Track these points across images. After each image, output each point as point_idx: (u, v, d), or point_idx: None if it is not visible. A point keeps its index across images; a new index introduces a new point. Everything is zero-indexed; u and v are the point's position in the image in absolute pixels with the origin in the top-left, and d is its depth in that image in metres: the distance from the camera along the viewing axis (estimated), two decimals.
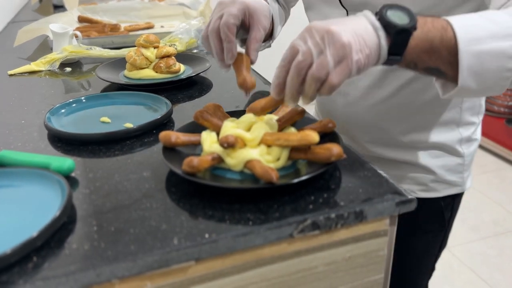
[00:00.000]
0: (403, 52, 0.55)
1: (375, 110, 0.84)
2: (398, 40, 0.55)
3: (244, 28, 0.74)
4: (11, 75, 1.09)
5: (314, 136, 0.57)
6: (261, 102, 0.62)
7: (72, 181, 0.60)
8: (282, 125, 0.65)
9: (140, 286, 0.47)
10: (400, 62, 0.57)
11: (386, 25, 0.54)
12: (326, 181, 0.57)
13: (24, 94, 0.96)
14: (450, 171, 0.88)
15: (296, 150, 0.58)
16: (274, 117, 0.65)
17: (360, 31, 0.54)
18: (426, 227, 0.92)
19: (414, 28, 0.55)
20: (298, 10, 1.04)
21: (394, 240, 0.58)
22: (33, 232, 0.46)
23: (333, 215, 0.51)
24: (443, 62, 0.56)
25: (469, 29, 0.55)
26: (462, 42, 0.54)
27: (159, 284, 0.48)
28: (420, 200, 0.84)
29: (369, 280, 0.58)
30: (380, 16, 0.55)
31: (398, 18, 0.55)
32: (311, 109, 0.93)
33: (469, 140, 0.89)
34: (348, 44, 0.52)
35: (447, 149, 0.87)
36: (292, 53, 0.55)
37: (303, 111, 0.67)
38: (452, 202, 0.92)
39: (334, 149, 0.56)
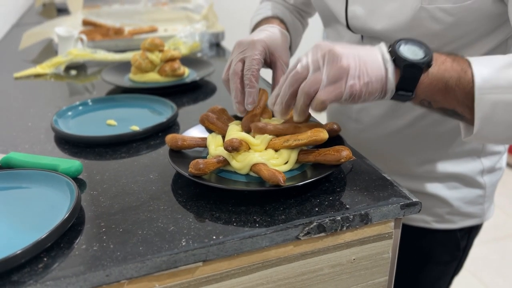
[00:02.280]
0: (413, 89, 0.53)
1: (387, 140, 0.80)
2: (407, 75, 0.53)
3: (265, 63, 0.73)
4: (16, 78, 1.09)
5: (324, 133, 0.57)
6: (268, 128, 0.61)
7: (79, 183, 0.61)
8: None
9: (149, 287, 0.48)
10: (412, 98, 0.54)
11: (396, 58, 0.53)
12: (332, 184, 0.58)
13: (30, 97, 0.97)
14: (469, 203, 0.82)
15: (304, 153, 0.59)
16: (279, 121, 0.66)
17: (366, 59, 0.53)
18: (439, 257, 0.87)
19: (427, 64, 0.53)
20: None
21: (398, 243, 0.58)
22: (43, 233, 0.46)
23: (338, 218, 0.52)
24: (459, 104, 0.54)
25: (490, 75, 0.52)
26: (479, 89, 0.51)
27: (167, 285, 0.48)
28: (434, 231, 0.83)
29: (374, 282, 0.59)
30: (392, 49, 0.54)
31: (411, 52, 0.53)
32: None
33: (492, 170, 0.82)
34: (346, 67, 0.52)
35: (467, 180, 0.80)
36: (295, 65, 0.56)
37: (308, 116, 0.68)
38: (469, 232, 0.86)
39: (343, 151, 0.56)
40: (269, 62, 0.72)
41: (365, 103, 0.55)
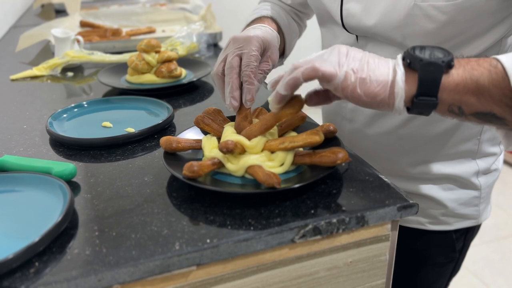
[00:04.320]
0: (435, 93, 0.49)
1: (381, 140, 0.79)
2: (425, 76, 0.49)
3: None
4: (13, 80, 1.09)
5: (320, 135, 0.57)
6: (252, 129, 0.60)
7: (73, 186, 0.60)
8: (283, 130, 0.65)
9: None
10: (436, 105, 0.50)
11: (411, 60, 0.50)
12: (328, 186, 0.57)
13: (26, 99, 0.97)
14: (464, 205, 0.81)
15: (301, 155, 0.58)
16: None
17: (372, 61, 0.51)
18: (435, 258, 0.86)
19: (447, 64, 0.48)
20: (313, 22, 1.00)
21: (395, 245, 0.57)
22: (35, 237, 0.46)
23: (334, 220, 0.51)
24: (497, 104, 0.48)
25: None
26: None
27: None
28: (429, 232, 0.82)
29: (371, 285, 0.58)
30: (407, 52, 0.51)
31: (428, 54, 0.50)
32: None
33: (487, 172, 0.81)
34: (344, 59, 0.51)
35: (462, 182, 0.79)
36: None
37: (304, 117, 0.67)
38: (465, 234, 0.85)
39: (340, 153, 0.56)
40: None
41: (371, 108, 0.53)
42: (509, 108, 0.48)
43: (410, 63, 0.50)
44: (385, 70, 0.51)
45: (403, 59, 0.51)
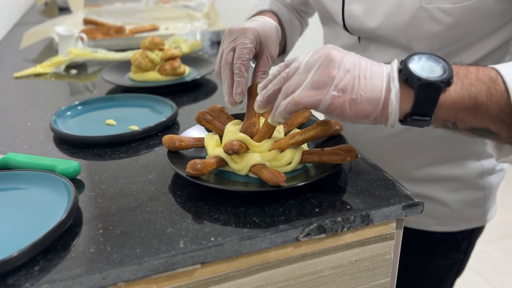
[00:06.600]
0: (431, 112, 0.46)
1: (385, 143, 0.78)
2: (422, 97, 0.45)
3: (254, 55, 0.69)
4: (17, 77, 1.09)
5: (330, 124, 0.56)
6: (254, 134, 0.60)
7: (77, 184, 0.60)
8: (288, 128, 0.65)
9: None
10: (430, 123, 0.47)
11: (408, 77, 0.45)
12: (332, 184, 0.57)
13: (30, 96, 0.97)
14: (469, 206, 0.80)
15: (309, 153, 0.58)
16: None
17: (365, 74, 0.47)
18: (440, 259, 0.85)
19: (447, 83, 0.45)
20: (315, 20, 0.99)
21: (400, 244, 0.57)
22: (40, 235, 0.46)
23: (339, 219, 0.51)
24: (493, 121, 0.46)
25: None
26: None
27: None
28: (435, 233, 0.81)
29: (375, 284, 0.58)
30: (404, 66, 0.46)
31: (427, 69, 0.46)
32: None
33: (492, 172, 0.79)
34: (333, 75, 0.47)
35: (466, 182, 0.78)
36: (290, 63, 0.52)
37: (309, 114, 0.67)
38: (470, 234, 0.84)
39: (349, 150, 0.55)
40: (256, 52, 0.68)
41: (360, 123, 0.49)
42: (505, 125, 0.46)
43: (407, 79, 0.46)
44: (378, 84, 0.47)
45: (400, 71, 0.47)
